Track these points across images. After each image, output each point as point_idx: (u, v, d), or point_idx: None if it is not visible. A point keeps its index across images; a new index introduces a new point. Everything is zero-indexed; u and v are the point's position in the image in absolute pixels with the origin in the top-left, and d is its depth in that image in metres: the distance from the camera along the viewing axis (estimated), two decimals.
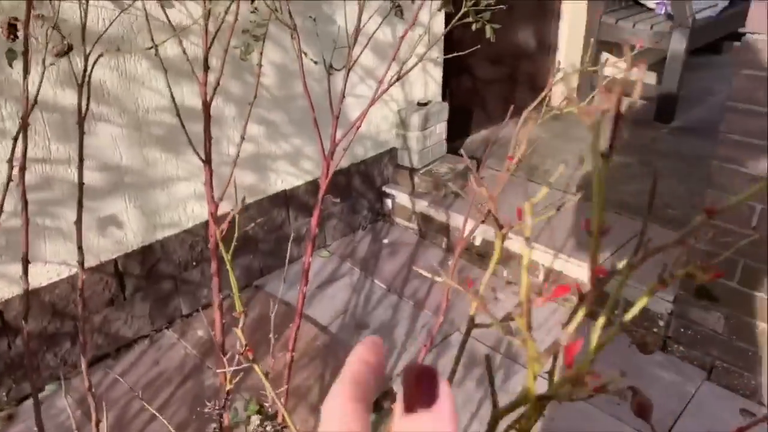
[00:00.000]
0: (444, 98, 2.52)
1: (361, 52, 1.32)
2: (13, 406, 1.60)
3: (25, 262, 1.04)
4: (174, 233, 1.81)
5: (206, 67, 1.24)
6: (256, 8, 1.33)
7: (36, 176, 1.49)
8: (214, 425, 0.95)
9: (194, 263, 1.89)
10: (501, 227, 0.33)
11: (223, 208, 1.90)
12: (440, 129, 2.43)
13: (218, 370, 1.04)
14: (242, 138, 1.25)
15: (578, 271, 1.87)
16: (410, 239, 2.35)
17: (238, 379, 0.90)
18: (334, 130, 1.24)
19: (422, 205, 2.31)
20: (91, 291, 1.67)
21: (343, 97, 1.24)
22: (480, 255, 2.20)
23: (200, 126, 1.20)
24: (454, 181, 2.36)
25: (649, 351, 0.50)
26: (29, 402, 1.63)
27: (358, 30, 1.23)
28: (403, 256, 2.25)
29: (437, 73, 2.42)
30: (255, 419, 1.08)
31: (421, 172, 2.37)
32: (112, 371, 1.71)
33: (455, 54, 1.47)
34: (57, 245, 1.58)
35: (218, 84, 1.24)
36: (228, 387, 0.91)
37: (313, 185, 2.11)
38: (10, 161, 0.93)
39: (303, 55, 1.25)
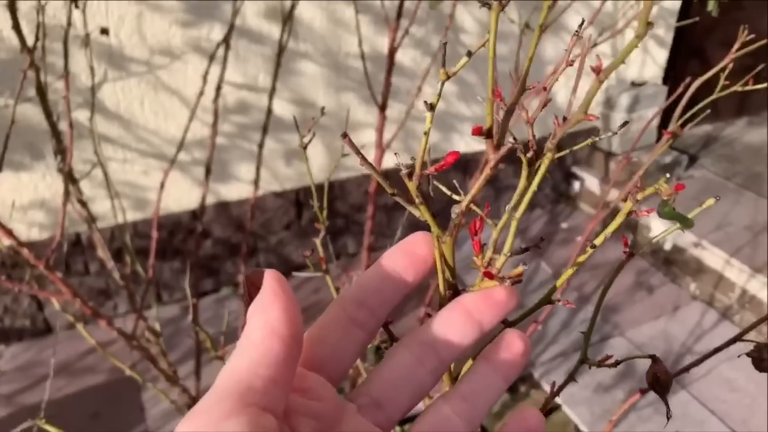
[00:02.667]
0: (665, 82, 2.26)
1: (561, 13, 1.22)
2: (194, 299, 1.84)
3: (208, 170, 1.16)
4: (353, 176, 1.89)
5: (399, 14, 1.24)
6: None
7: (241, 102, 1.64)
8: None
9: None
10: None
11: (398, 159, 1.94)
12: (652, 115, 2.19)
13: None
14: (419, 89, 1.25)
15: None
16: (592, 231, 2.19)
17: None
18: (518, 94, 1.18)
19: (613, 195, 2.12)
20: (272, 213, 1.82)
21: (531, 59, 1.17)
22: (668, 261, 1.97)
23: (396, 78, 1.22)
24: (656, 175, 2.12)
25: (764, 369, 0.38)
26: (208, 298, 1.85)
27: None
28: (580, 244, 2.10)
29: (660, 53, 2.17)
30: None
31: (619, 158, 2.17)
32: None
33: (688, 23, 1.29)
34: (250, 167, 1.74)
35: (407, 32, 1.24)
36: None
37: None
38: (204, 76, 1.03)
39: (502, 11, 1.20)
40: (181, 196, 1.70)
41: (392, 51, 1.22)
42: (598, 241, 0.28)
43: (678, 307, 1.82)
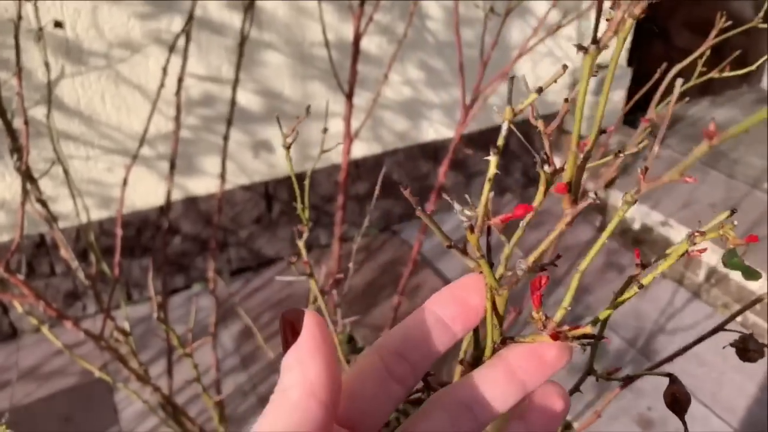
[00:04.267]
0: (630, 63, 2.28)
1: None
2: (163, 298, 1.81)
3: (172, 164, 1.13)
4: (323, 166, 1.87)
5: (363, 1, 1.23)
6: None
7: (205, 94, 1.61)
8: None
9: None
10: None
11: (371, 149, 1.93)
12: (618, 96, 2.22)
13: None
14: (385, 76, 1.24)
15: None
16: (562, 212, 2.21)
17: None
18: (480, 78, 1.18)
19: (582, 177, 2.14)
20: (242, 207, 1.80)
21: (495, 43, 1.17)
22: (637, 240, 2.00)
23: (363, 66, 1.21)
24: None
25: (749, 359, 0.39)
26: (180, 295, 1.83)
27: None
28: (550, 228, 2.13)
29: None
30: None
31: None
32: (250, 283, 1.85)
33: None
34: (217, 160, 1.71)
35: (371, 19, 1.23)
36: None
37: (467, 139, 2.05)
38: (164, 69, 1.01)
39: None
40: (148, 192, 1.66)
41: (357, 38, 1.20)
42: (645, 281, 0.25)
43: (648, 286, 1.85)
